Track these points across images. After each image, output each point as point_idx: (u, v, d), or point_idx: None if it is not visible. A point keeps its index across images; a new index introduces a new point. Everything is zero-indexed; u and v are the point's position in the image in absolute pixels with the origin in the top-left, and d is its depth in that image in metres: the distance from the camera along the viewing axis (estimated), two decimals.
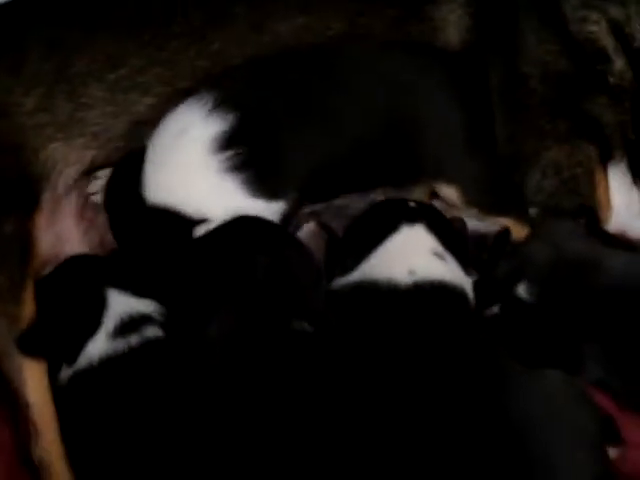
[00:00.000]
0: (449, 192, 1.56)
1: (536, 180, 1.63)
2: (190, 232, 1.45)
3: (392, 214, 1.49)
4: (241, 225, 1.45)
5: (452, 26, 1.61)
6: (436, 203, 1.59)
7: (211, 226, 1.44)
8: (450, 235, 1.48)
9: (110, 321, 1.40)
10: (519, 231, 1.59)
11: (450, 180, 1.56)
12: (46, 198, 1.55)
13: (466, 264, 1.47)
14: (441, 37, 1.62)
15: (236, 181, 1.45)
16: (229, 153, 1.45)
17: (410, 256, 1.43)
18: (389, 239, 1.45)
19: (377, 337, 1.37)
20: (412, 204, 1.51)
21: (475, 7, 1.62)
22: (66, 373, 1.40)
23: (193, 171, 1.46)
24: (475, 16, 1.62)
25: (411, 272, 1.40)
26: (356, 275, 1.44)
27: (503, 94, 1.62)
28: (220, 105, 1.47)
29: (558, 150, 1.62)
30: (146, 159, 1.48)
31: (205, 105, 1.47)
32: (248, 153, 1.45)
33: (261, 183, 1.46)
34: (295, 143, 1.49)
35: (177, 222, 1.45)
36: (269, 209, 1.47)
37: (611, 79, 1.62)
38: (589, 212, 1.61)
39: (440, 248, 1.45)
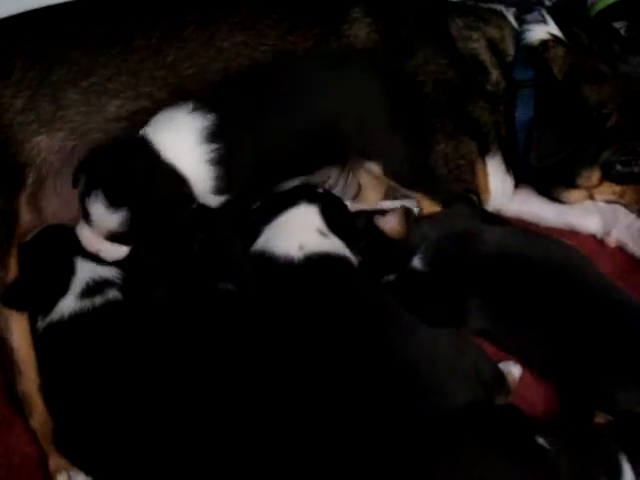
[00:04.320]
0: (374, 167, 1.78)
1: None
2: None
3: (296, 193, 1.73)
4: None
5: (362, 41, 1.84)
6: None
7: None
8: (338, 219, 1.72)
9: (78, 284, 1.62)
10: (429, 206, 1.82)
11: (374, 158, 1.77)
12: (30, 181, 1.73)
13: (351, 244, 1.72)
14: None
15: (208, 172, 1.65)
16: (210, 146, 1.64)
17: (299, 233, 1.68)
18: (286, 212, 1.70)
19: (277, 298, 1.62)
20: (319, 190, 1.74)
21: (381, 26, 1.86)
22: (42, 324, 1.62)
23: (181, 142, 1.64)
24: (381, 33, 1.85)
25: (301, 247, 1.65)
26: (260, 243, 1.69)
27: None
28: (201, 107, 1.66)
29: (446, 144, 1.86)
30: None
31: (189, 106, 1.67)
32: (221, 151, 1.64)
33: (217, 180, 1.66)
34: (243, 146, 1.67)
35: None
36: (215, 200, 1.68)
37: (488, 87, 1.88)
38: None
39: (325, 228, 1.70)
